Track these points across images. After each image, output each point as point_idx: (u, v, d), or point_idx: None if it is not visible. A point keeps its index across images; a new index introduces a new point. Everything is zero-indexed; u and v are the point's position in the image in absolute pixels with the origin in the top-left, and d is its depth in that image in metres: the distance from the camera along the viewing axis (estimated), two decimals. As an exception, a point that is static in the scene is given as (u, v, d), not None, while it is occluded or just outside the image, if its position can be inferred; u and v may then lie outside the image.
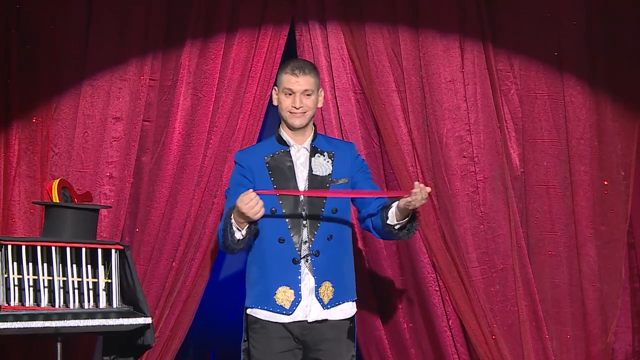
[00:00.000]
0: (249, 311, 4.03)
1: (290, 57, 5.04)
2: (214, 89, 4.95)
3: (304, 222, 3.96)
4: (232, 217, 3.80)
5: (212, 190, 4.95)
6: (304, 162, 4.01)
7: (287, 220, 3.93)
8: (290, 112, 4.00)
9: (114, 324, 4.17)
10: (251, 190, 3.76)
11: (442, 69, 5.00)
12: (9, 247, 4.25)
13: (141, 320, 4.22)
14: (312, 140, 4.08)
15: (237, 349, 5.54)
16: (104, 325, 4.15)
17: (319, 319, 3.97)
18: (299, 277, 3.93)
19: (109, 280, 4.29)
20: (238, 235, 3.82)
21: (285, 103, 4.00)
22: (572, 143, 5.05)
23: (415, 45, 5.01)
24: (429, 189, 3.79)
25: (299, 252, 3.94)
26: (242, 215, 3.75)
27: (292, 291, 3.92)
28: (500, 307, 5.01)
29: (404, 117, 5.02)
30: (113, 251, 4.28)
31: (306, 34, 5.04)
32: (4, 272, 4.25)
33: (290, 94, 3.98)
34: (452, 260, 4.97)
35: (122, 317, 4.20)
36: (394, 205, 3.92)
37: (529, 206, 5.09)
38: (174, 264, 4.93)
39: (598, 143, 5.07)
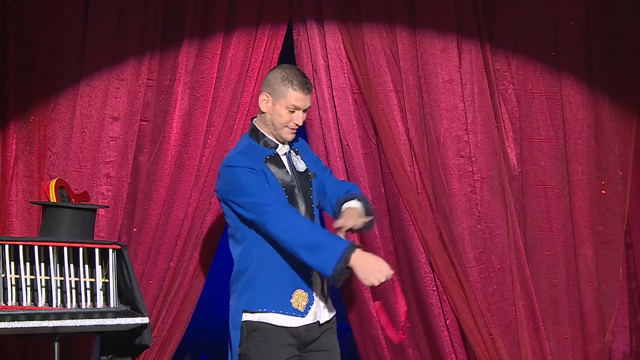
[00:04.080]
0: (250, 316, 3.87)
1: (288, 56, 5.05)
2: (211, 89, 4.96)
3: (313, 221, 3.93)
4: (346, 262, 3.67)
5: (210, 190, 4.95)
6: (287, 162, 3.99)
7: None
8: (288, 127, 3.91)
9: (112, 323, 4.17)
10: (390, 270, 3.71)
11: (440, 68, 5.01)
12: (6, 246, 4.25)
13: (138, 320, 4.22)
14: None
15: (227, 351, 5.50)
16: (101, 325, 4.16)
17: (329, 319, 3.98)
18: (311, 280, 3.90)
19: (107, 280, 4.30)
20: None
21: (285, 118, 3.88)
22: (569, 143, 5.06)
23: (412, 45, 5.02)
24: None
25: None
26: (361, 272, 3.67)
27: (306, 294, 3.88)
28: (498, 307, 5.01)
29: (401, 117, 5.02)
30: (110, 251, 4.28)
31: (304, 34, 5.04)
32: (1, 272, 4.25)
33: (293, 111, 3.88)
34: (450, 260, 4.97)
35: (120, 317, 4.20)
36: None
37: (527, 206, 5.09)
38: (171, 263, 4.93)
39: (596, 143, 5.07)
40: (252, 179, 3.81)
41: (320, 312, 3.94)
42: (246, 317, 3.87)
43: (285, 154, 3.98)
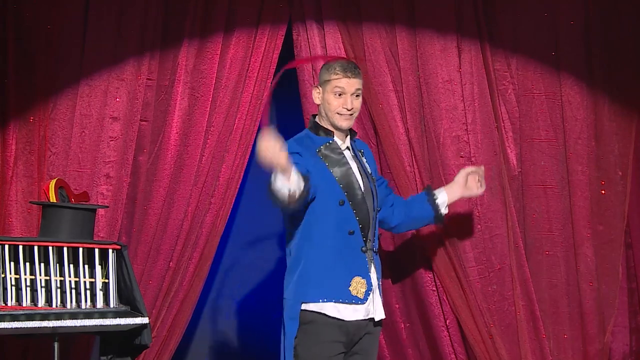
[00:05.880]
0: (308, 307, 3.86)
1: (288, 57, 5.05)
2: (211, 89, 4.95)
3: (371, 215, 3.95)
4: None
5: (209, 190, 4.95)
6: (352, 159, 4.00)
7: (354, 211, 3.90)
8: (340, 114, 3.94)
9: (111, 323, 4.17)
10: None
11: (440, 68, 5.01)
12: (6, 247, 4.26)
13: (138, 320, 4.22)
14: (351, 139, 4.07)
15: (236, 352, 5.50)
16: (101, 325, 4.16)
17: (383, 317, 3.99)
18: (367, 266, 3.92)
19: (106, 280, 4.30)
20: (284, 190, 3.59)
21: (333, 104, 3.94)
22: (569, 143, 5.06)
23: (412, 45, 5.02)
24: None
25: (365, 242, 3.93)
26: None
27: (364, 280, 3.89)
28: (498, 307, 5.01)
29: (401, 117, 5.02)
30: (110, 251, 4.28)
31: (303, 34, 5.04)
32: (1, 272, 4.25)
33: (340, 95, 3.94)
34: (449, 260, 4.97)
35: (119, 317, 4.20)
36: (442, 192, 4.30)
37: (527, 206, 5.09)
38: (171, 263, 4.93)
39: (595, 143, 5.07)
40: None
41: (376, 310, 3.95)
42: (304, 307, 3.87)
43: (348, 149, 4.00)
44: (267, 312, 5.39)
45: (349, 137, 4.04)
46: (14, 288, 4.28)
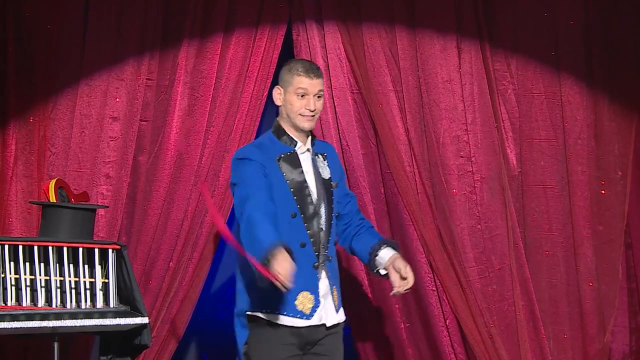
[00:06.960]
0: (257, 314, 3.86)
1: (288, 57, 5.05)
2: (211, 89, 4.96)
3: (322, 226, 3.91)
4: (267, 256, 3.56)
5: (209, 190, 4.95)
6: (309, 164, 3.98)
7: (305, 224, 3.87)
8: (302, 115, 3.89)
9: (111, 323, 4.18)
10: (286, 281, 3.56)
11: (439, 68, 5.01)
12: (6, 247, 4.26)
13: (138, 320, 4.22)
14: (312, 141, 4.06)
15: (230, 352, 5.50)
16: (101, 325, 4.16)
17: (336, 322, 3.95)
18: (317, 282, 3.88)
19: (106, 280, 4.30)
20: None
21: (296, 105, 3.89)
22: (569, 143, 5.06)
23: (412, 45, 5.02)
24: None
25: (317, 257, 3.89)
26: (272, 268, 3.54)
27: (312, 296, 3.86)
28: (498, 307, 5.01)
29: (401, 117, 5.02)
30: (110, 251, 4.28)
31: (303, 34, 5.05)
32: (0, 272, 4.25)
33: (303, 96, 3.90)
34: (449, 260, 4.97)
35: (119, 317, 4.21)
36: (388, 252, 4.02)
37: (526, 206, 5.09)
38: (170, 263, 4.93)
39: (595, 143, 5.07)
40: (253, 173, 3.79)
41: (327, 315, 3.92)
42: (249, 314, 3.87)
43: (308, 152, 3.96)
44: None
45: (309, 138, 4.00)
46: (13, 288, 4.29)
